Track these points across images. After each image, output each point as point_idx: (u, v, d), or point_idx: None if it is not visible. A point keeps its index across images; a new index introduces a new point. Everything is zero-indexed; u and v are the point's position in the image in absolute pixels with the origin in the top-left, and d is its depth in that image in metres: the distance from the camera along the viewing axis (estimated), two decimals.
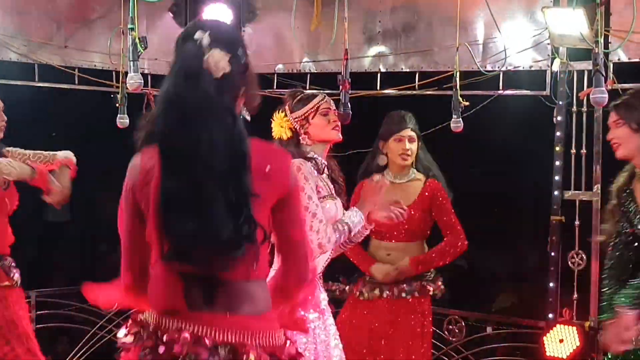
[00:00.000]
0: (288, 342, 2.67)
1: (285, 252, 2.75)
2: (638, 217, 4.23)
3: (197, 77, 2.52)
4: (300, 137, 4.13)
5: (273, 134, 4.08)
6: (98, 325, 7.07)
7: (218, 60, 2.54)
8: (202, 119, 2.48)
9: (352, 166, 5.06)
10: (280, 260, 2.77)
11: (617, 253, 4.36)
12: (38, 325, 6.75)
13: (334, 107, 4.28)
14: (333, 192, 4.17)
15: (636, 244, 4.25)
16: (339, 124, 4.25)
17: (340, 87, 4.83)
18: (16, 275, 4.77)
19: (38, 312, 6.75)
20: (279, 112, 4.15)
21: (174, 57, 2.66)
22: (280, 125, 4.10)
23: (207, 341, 2.50)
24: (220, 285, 2.53)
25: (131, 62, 4.47)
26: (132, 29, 4.47)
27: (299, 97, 4.20)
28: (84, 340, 7.00)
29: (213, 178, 2.46)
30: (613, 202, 4.41)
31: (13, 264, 4.79)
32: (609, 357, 4.02)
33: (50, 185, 4.50)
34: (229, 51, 2.58)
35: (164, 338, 2.52)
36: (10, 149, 4.63)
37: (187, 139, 2.47)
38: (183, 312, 2.54)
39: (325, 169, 4.20)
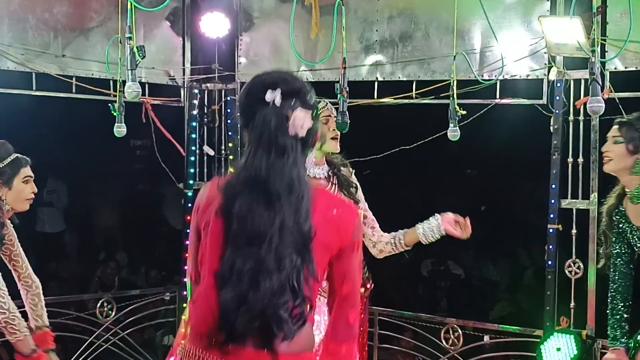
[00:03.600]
0: None
1: (332, 302, 2.77)
2: (636, 236, 4.27)
3: (286, 147, 2.54)
4: None
5: None
6: (95, 334, 7.05)
7: (302, 121, 2.57)
8: (283, 200, 2.51)
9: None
10: (329, 312, 2.80)
11: (620, 274, 4.40)
12: None
13: (335, 115, 4.31)
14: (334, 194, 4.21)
15: (632, 265, 4.31)
16: (338, 134, 4.27)
17: (339, 95, 4.83)
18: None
19: None
20: None
21: (243, 119, 2.67)
22: None
23: None
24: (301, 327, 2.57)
25: (129, 71, 4.46)
26: (129, 38, 4.47)
27: None
28: (81, 349, 6.98)
29: (278, 258, 2.50)
30: (604, 224, 4.46)
31: None
32: None
33: None
34: (302, 103, 2.61)
35: None
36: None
37: (268, 218, 2.51)
38: (217, 343, 2.56)
39: (328, 173, 4.26)
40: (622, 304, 4.40)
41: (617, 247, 4.43)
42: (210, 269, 2.57)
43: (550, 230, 6.07)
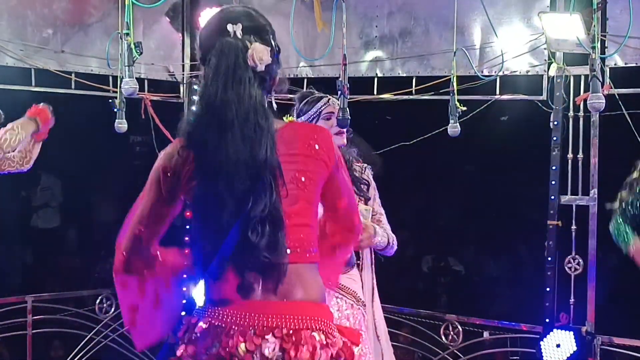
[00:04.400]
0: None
1: (332, 220, 2.81)
2: None
3: (241, 77, 2.52)
4: None
5: None
6: (94, 330, 7.05)
7: (261, 54, 2.56)
8: (241, 128, 2.48)
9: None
10: (328, 226, 2.83)
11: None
12: (34, 331, 6.74)
13: (337, 108, 4.32)
14: None
15: None
16: (343, 130, 4.28)
17: (340, 92, 4.82)
18: None
19: (34, 317, 6.73)
20: (289, 115, 4.22)
21: (202, 51, 2.64)
22: None
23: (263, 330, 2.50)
24: (272, 269, 2.51)
25: (126, 67, 4.46)
26: (127, 34, 4.46)
27: (305, 100, 4.25)
28: (80, 345, 6.98)
29: (236, 190, 2.48)
30: (635, 176, 4.46)
31: None
32: None
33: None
34: (262, 39, 2.60)
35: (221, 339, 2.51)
36: None
37: (223, 149, 2.48)
38: (237, 300, 2.53)
39: None
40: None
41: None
42: None
43: (550, 226, 6.07)
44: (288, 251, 2.53)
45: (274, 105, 2.70)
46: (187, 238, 3.24)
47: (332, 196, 2.73)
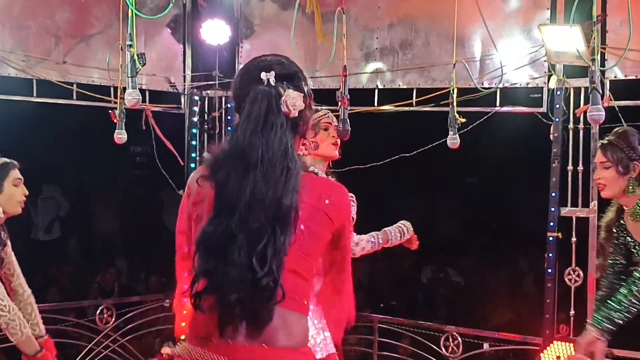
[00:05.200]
0: None
1: (327, 286, 2.85)
2: (638, 249, 4.28)
3: (273, 122, 2.55)
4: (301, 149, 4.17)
5: None
6: (95, 340, 7.05)
7: (294, 100, 2.59)
8: (265, 171, 2.50)
9: (350, 182, 5.06)
10: (327, 285, 2.85)
11: (608, 283, 4.43)
12: None
13: (335, 124, 4.33)
14: None
15: (623, 276, 4.31)
16: (338, 140, 4.29)
17: (340, 103, 4.84)
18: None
19: None
20: None
21: (236, 100, 2.68)
22: None
23: None
24: (264, 317, 2.51)
25: (129, 79, 4.47)
26: (130, 45, 4.48)
27: None
28: (80, 355, 6.97)
29: (249, 229, 2.48)
30: (603, 237, 4.47)
31: None
32: None
33: None
34: (298, 87, 2.65)
35: None
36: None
37: (241, 188, 2.49)
38: (216, 341, 2.53)
39: None
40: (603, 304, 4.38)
41: (612, 258, 4.45)
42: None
43: (550, 238, 6.08)
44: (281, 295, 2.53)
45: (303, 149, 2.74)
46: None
47: (334, 247, 2.73)
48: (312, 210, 2.58)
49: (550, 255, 6.08)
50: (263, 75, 2.60)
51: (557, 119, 6.05)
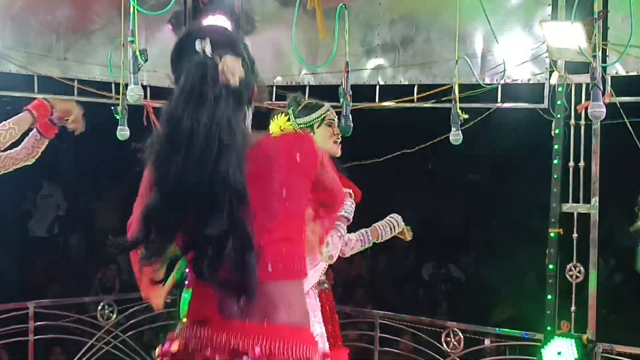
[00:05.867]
0: None
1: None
2: None
3: (205, 94, 2.40)
4: None
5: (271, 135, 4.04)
6: (96, 336, 7.06)
7: (233, 68, 2.45)
8: (197, 148, 2.37)
9: (351, 178, 5.07)
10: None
11: None
12: (36, 337, 6.74)
13: (337, 120, 4.33)
14: None
15: None
16: (340, 137, 4.28)
17: (342, 99, 4.84)
18: None
19: (36, 324, 6.74)
20: (280, 115, 4.18)
21: (174, 73, 2.60)
22: (280, 127, 4.11)
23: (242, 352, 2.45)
24: (243, 290, 2.43)
25: (131, 75, 4.47)
26: (132, 42, 4.48)
27: (305, 103, 4.23)
28: (82, 351, 6.98)
29: (190, 209, 2.42)
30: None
31: None
32: None
33: (57, 108, 4.33)
34: (235, 53, 2.52)
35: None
36: None
37: (173, 169, 2.41)
38: (216, 321, 2.49)
39: None
40: None
41: None
42: None
43: (551, 234, 6.08)
44: (270, 269, 2.47)
45: (249, 116, 2.64)
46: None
47: (319, 192, 2.72)
48: (288, 173, 2.52)
49: (552, 251, 6.08)
50: (197, 43, 2.49)
51: (558, 115, 6.05)
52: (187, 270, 2.63)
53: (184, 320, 2.62)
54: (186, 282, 2.69)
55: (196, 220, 2.40)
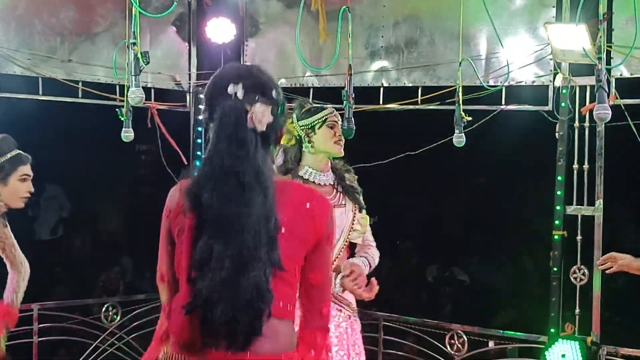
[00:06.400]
0: None
1: (302, 299, 2.75)
2: None
3: (244, 138, 2.52)
4: (304, 145, 4.22)
5: None
6: (100, 338, 7.06)
7: (262, 115, 2.56)
8: (246, 193, 2.48)
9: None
10: (300, 303, 2.77)
11: None
12: (40, 339, 6.75)
13: (340, 122, 4.35)
14: (340, 201, 4.25)
15: None
16: (343, 139, 4.30)
17: (345, 102, 4.84)
18: None
19: (40, 325, 6.74)
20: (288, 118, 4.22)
21: (207, 113, 2.66)
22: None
23: None
24: (245, 330, 2.48)
25: (133, 77, 4.47)
26: (134, 44, 4.48)
27: (307, 107, 4.27)
28: (86, 353, 6.98)
29: (248, 248, 2.46)
30: None
31: None
32: None
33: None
34: (268, 99, 2.60)
35: None
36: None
37: (229, 212, 2.47)
38: (199, 347, 2.53)
39: (334, 181, 4.29)
40: None
41: None
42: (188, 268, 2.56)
43: (555, 237, 6.07)
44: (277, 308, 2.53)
45: (277, 155, 2.72)
46: None
47: (311, 267, 2.69)
48: (293, 214, 2.58)
49: (556, 253, 6.07)
50: (231, 87, 2.58)
51: (562, 118, 6.04)
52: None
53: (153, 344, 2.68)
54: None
55: (250, 256, 2.47)
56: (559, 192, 6.07)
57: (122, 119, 5.84)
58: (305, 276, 2.70)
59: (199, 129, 7.50)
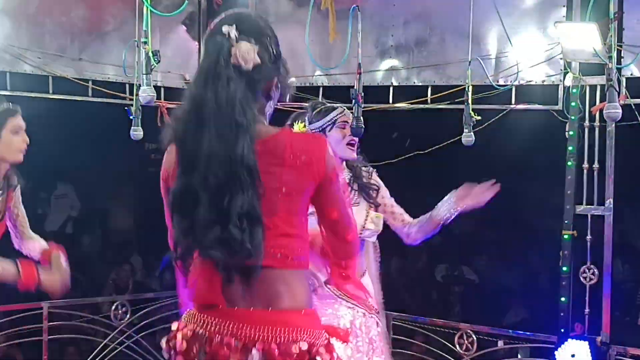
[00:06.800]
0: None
1: (326, 231, 2.79)
2: None
3: (219, 74, 2.51)
4: None
5: None
6: (109, 336, 7.07)
7: (246, 53, 2.54)
8: (216, 125, 2.48)
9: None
10: (325, 239, 2.82)
11: None
12: (50, 337, 6.77)
13: (351, 119, 4.33)
14: (354, 199, 4.26)
15: None
16: (355, 139, 4.29)
17: (354, 100, 4.84)
18: None
19: (50, 323, 6.76)
20: (299, 122, 4.21)
21: (203, 55, 2.66)
22: None
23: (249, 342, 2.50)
24: (256, 276, 2.51)
25: (144, 76, 4.48)
26: (145, 42, 4.49)
27: (318, 108, 4.25)
28: (95, 351, 7.00)
29: (209, 185, 2.47)
30: None
31: None
32: None
33: (42, 278, 4.33)
34: (257, 41, 2.58)
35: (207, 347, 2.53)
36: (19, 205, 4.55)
37: (198, 144, 2.49)
38: (222, 307, 2.54)
39: (349, 178, 4.28)
40: None
41: None
42: None
43: (565, 236, 6.06)
44: (271, 256, 2.53)
45: (269, 110, 2.70)
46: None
47: (322, 206, 2.71)
48: (291, 170, 2.56)
49: (565, 253, 6.07)
50: (224, 28, 2.57)
51: (572, 117, 6.03)
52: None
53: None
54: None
55: (217, 198, 2.47)
56: (568, 192, 6.06)
57: (132, 117, 5.85)
58: (322, 212, 2.73)
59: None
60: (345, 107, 4.44)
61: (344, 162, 4.36)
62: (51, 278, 4.34)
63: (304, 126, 4.22)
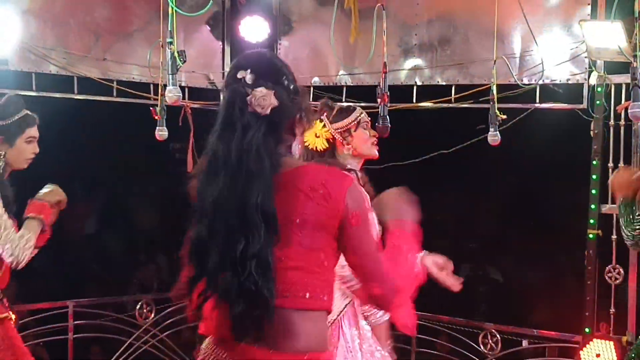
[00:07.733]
0: None
1: (357, 276, 2.73)
2: None
3: (234, 123, 2.52)
4: (340, 149, 4.10)
5: (306, 143, 4.00)
6: (134, 335, 7.10)
7: (262, 99, 2.52)
8: (229, 175, 2.50)
9: (386, 179, 5.06)
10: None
11: None
12: (75, 335, 6.81)
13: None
14: None
15: None
16: (377, 139, 4.25)
17: (379, 100, 4.83)
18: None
19: (75, 322, 6.80)
20: (319, 121, 4.14)
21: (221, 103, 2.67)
22: (316, 135, 4.06)
23: None
24: (268, 313, 2.47)
25: (170, 76, 4.49)
26: (170, 43, 4.50)
27: (338, 108, 4.19)
28: (120, 350, 7.03)
29: (217, 233, 2.52)
30: None
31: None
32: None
33: (47, 200, 4.39)
34: (274, 83, 2.56)
35: None
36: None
37: (210, 194, 2.53)
38: (230, 342, 2.54)
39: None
40: None
41: None
42: None
43: (590, 236, 6.03)
44: (287, 295, 2.52)
45: (295, 142, 2.68)
46: None
47: (343, 250, 2.63)
48: (305, 201, 2.50)
49: (590, 252, 6.04)
50: (240, 74, 2.56)
51: (597, 116, 6.00)
52: None
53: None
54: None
55: (229, 242, 2.49)
56: (593, 191, 6.03)
57: (157, 117, 5.87)
58: (345, 257, 2.65)
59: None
60: (368, 107, 4.41)
61: (361, 164, 4.29)
62: (51, 193, 4.38)
63: (323, 126, 4.13)
